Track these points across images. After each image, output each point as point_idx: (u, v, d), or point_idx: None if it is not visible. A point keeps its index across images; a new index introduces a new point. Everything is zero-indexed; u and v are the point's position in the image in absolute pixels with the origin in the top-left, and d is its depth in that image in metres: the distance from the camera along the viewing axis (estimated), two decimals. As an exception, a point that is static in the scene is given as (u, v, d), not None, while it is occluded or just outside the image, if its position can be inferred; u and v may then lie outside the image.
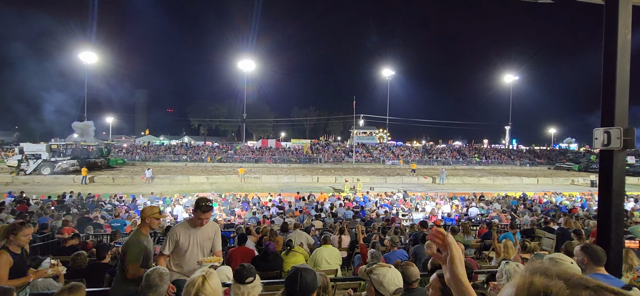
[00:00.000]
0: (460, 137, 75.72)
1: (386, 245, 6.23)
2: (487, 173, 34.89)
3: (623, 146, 2.90)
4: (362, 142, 55.90)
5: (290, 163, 42.29)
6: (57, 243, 6.87)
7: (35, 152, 27.38)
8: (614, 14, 3.02)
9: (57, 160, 27.83)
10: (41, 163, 26.85)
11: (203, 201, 3.32)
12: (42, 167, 26.77)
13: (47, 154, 27.64)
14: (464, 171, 38.26)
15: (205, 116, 78.28)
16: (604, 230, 3.00)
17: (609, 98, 2.97)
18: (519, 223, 9.74)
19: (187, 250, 3.31)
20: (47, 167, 26.79)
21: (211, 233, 3.50)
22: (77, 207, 12.99)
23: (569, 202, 15.19)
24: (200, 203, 3.29)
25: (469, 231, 7.07)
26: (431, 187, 25.77)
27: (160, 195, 17.27)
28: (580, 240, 5.62)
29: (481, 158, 48.75)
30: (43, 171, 26.60)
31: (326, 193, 19.16)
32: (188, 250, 3.32)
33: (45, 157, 27.34)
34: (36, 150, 27.61)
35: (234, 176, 28.40)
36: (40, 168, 26.67)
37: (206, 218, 3.33)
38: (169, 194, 17.91)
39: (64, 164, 27.68)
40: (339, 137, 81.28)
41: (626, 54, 2.93)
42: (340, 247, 6.86)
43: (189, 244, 3.32)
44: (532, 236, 7.98)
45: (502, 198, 16.64)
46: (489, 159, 48.42)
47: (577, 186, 27.56)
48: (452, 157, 49.63)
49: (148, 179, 24.58)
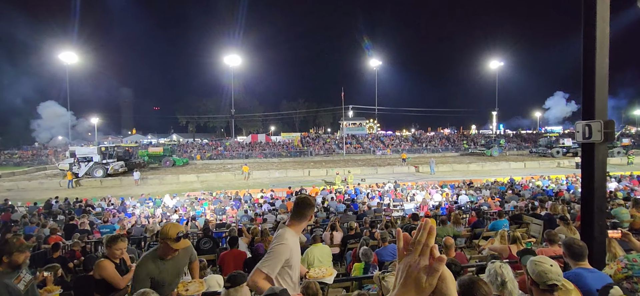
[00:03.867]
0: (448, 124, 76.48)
1: (377, 238, 6.28)
2: (475, 160, 35.43)
3: (604, 139, 2.96)
4: (352, 133, 56.03)
5: (281, 158, 42.18)
6: (43, 254, 6.71)
7: (86, 154, 27.47)
8: (592, 4, 3.05)
9: (108, 162, 28.14)
10: (93, 166, 26.90)
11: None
12: (94, 169, 26.84)
13: (98, 157, 27.76)
14: (453, 158, 38.75)
15: (193, 113, 77.28)
16: (586, 222, 3.07)
17: (589, 93, 3.02)
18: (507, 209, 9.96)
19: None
20: (99, 170, 26.91)
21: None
22: (64, 213, 12.74)
23: (555, 186, 15.54)
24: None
25: (459, 222, 7.17)
26: (421, 176, 26.04)
27: (148, 196, 17.05)
28: (566, 225, 5.76)
29: (469, 145, 49.41)
30: (95, 173, 26.79)
31: (318, 186, 19.19)
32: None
33: (96, 159, 27.43)
34: (87, 153, 27.70)
35: (224, 173, 28.23)
36: (92, 171, 26.75)
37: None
38: (158, 195, 17.70)
39: (116, 166, 28.23)
40: (329, 128, 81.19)
41: (605, 48, 2.97)
42: (332, 243, 6.90)
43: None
44: (520, 223, 8.16)
45: (491, 185, 16.93)
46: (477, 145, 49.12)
47: (562, 168, 28.19)
48: (442, 145, 50.18)
49: (136, 181, 24.23)
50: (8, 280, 2.75)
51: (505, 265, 2.13)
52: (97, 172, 26.83)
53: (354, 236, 6.97)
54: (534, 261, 1.96)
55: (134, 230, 9.10)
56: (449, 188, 16.19)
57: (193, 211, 13.24)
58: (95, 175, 26.66)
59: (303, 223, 2.39)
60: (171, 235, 2.70)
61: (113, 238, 3.41)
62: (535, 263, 1.95)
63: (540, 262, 1.94)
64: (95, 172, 26.82)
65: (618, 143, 33.65)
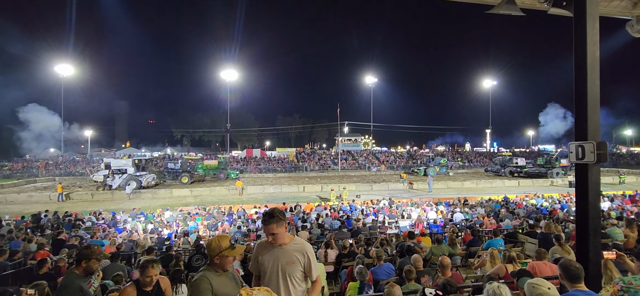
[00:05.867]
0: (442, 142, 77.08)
1: (372, 257, 6.21)
2: (470, 177, 35.59)
3: (596, 159, 2.99)
4: (348, 149, 56.15)
5: (276, 173, 41.99)
6: (29, 270, 6.51)
7: (121, 167, 27.52)
8: (582, 30, 3.13)
9: (141, 174, 28.18)
10: (127, 178, 26.75)
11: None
12: (128, 181, 26.65)
13: (133, 169, 27.80)
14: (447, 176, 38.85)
15: (188, 126, 77.17)
16: (582, 244, 3.07)
17: (582, 114, 3.06)
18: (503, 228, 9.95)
19: None
20: (133, 182, 26.73)
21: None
22: (53, 227, 12.45)
23: (549, 204, 15.59)
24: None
25: (455, 243, 7.13)
26: (416, 192, 26.03)
27: (137, 210, 16.76)
28: (561, 246, 5.76)
29: (464, 162, 49.68)
30: (129, 186, 26.51)
31: (312, 202, 19.07)
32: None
33: (131, 171, 27.37)
34: (122, 165, 27.77)
35: (218, 188, 27.98)
36: (126, 184, 26.53)
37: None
38: (150, 209, 17.44)
39: (149, 178, 28.39)
40: (324, 144, 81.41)
41: (595, 70, 3.03)
42: (326, 261, 6.81)
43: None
44: (515, 242, 8.15)
45: (485, 202, 16.95)
46: (472, 162, 49.42)
47: (555, 187, 28.39)
48: (436, 162, 50.37)
49: (129, 195, 23.90)
50: (83, 283, 3.11)
51: (503, 285, 2.11)
52: (131, 185, 26.60)
53: (348, 254, 6.89)
54: (531, 284, 1.95)
55: (124, 245, 8.90)
56: (444, 206, 16.16)
57: (186, 226, 13.04)
58: (128, 188, 26.41)
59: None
60: (224, 245, 2.57)
61: (144, 265, 3.16)
62: (533, 286, 1.93)
63: (538, 285, 1.92)
64: (129, 184, 26.62)
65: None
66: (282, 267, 2.55)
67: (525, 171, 35.01)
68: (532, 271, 4.19)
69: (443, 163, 39.81)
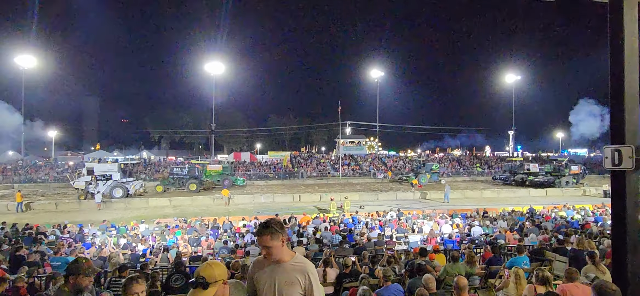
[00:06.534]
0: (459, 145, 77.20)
1: (378, 277, 6.20)
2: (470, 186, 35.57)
3: (636, 166, 2.99)
4: (350, 153, 56.19)
5: (268, 180, 41.99)
6: (-18, 291, 6.47)
7: (105, 172, 27.24)
8: (619, 20, 3.14)
9: (128, 180, 28.22)
10: (112, 185, 26.63)
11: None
12: (114, 188, 26.55)
13: (119, 175, 27.67)
14: (464, 183, 38.91)
15: (168, 127, 77.05)
16: (619, 262, 3.06)
17: (618, 114, 3.07)
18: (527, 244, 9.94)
19: None
20: (119, 189, 26.66)
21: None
22: (10, 242, 12.38)
23: (581, 217, 15.63)
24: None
25: (473, 261, 7.12)
26: (428, 203, 26.05)
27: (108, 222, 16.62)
28: (595, 264, 5.76)
29: (483, 168, 49.79)
30: (115, 194, 26.51)
31: (309, 214, 19.05)
32: None
33: (116, 177, 27.30)
34: (107, 171, 27.46)
35: (201, 197, 27.93)
36: (112, 191, 26.45)
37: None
38: (123, 221, 17.37)
39: (136, 185, 28.42)
40: (323, 147, 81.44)
41: (634, 64, 3.04)
42: (325, 281, 6.79)
43: None
44: (542, 260, 8.14)
45: (508, 215, 16.97)
46: (492, 168, 49.53)
47: (588, 197, 28.47)
48: (451, 168, 50.50)
49: (98, 204, 23.82)
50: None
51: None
52: (117, 192, 26.55)
53: (350, 274, 6.87)
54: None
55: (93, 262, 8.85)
56: (461, 218, 16.17)
57: (164, 241, 13.00)
58: (114, 195, 26.38)
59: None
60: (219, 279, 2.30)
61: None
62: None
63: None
64: (115, 191, 26.53)
65: None
66: (279, 288, 2.45)
67: (530, 180, 34.95)
68: (562, 294, 4.19)
69: (435, 169, 40.41)
